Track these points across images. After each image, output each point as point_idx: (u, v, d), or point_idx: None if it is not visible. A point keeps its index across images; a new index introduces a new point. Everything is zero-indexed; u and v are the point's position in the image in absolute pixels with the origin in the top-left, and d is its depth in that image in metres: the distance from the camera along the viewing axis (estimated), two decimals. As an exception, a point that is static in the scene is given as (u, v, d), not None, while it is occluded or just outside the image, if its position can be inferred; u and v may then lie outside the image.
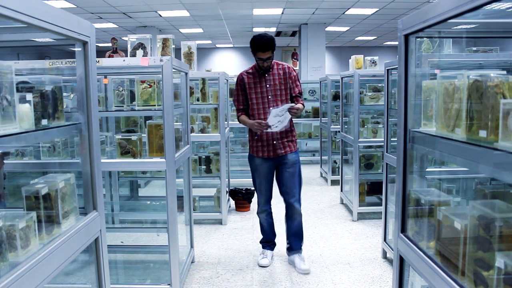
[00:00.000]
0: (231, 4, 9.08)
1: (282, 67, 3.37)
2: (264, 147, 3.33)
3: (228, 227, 4.57)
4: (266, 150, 3.33)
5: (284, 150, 3.34)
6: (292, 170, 3.36)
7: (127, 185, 4.83)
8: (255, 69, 3.36)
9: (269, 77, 3.32)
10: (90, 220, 1.71)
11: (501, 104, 1.18)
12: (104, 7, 9.07)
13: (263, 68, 3.29)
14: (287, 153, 3.35)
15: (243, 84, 3.36)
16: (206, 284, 3.17)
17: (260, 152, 3.35)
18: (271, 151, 3.33)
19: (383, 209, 3.73)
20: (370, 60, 4.95)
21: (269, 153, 3.33)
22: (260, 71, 3.33)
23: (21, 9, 1.19)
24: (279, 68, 3.36)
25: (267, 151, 3.33)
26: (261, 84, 3.32)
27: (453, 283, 1.36)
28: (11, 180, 3.02)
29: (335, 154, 6.46)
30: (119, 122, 4.17)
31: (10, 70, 1.31)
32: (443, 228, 1.56)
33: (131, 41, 3.07)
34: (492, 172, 1.29)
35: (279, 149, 3.33)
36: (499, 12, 1.75)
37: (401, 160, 1.82)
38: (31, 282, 1.27)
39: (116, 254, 3.64)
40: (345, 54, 14.75)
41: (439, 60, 2.68)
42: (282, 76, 3.34)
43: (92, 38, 1.72)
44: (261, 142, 3.34)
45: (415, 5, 8.96)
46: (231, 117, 6.04)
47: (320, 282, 3.19)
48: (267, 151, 3.33)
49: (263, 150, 3.34)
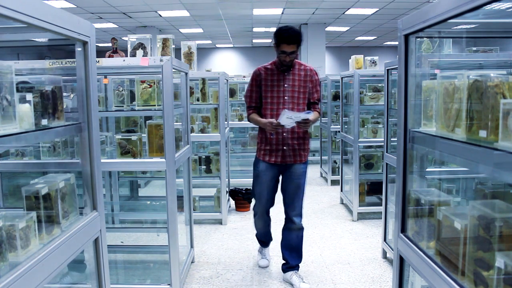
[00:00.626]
0: (231, 4, 9.08)
1: (304, 68, 3.10)
2: (273, 151, 3.05)
3: (228, 227, 4.57)
4: (274, 155, 3.05)
5: (294, 159, 3.06)
6: (298, 182, 3.10)
7: (127, 185, 4.83)
8: (274, 65, 3.07)
9: (289, 77, 3.03)
10: (90, 220, 1.71)
11: (501, 104, 1.17)
12: (104, 7, 9.08)
13: (284, 64, 2.98)
14: (296, 162, 3.07)
15: (259, 80, 3.06)
16: (206, 284, 3.17)
17: (267, 156, 3.06)
18: (279, 156, 3.04)
19: (383, 209, 3.73)
20: (370, 60, 4.96)
21: (276, 158, 3.05)
22: (280, 68, 3.04)
23: (21, 9, 1.19)
24: (300, 69, 3.08)
25: (275, 156, 3.05)
26: (279, 83, 3.03)
27: (453, 283, 1.36)
28: (11, 180, 3.02)
29: (335, 154, 6.46)
30: (119, 122, 4.17)
31: (10, 70, 1.31)
32: (443, 228, 1.56)
33: (131, 41, 3.07)
34: (492, 172, 1.29)
35: (289, 156, 3.04)
36: (499, 12, 1.75)
37: (401, 160, 1.82)
38: (31, 282, 1.27)
39: (116, 254, 3.64)
40: (345, 54, 14.75)
41: (439, 60, 2.68)
42: (302, 78, 3.06)
43: (92, 38, 1.72)
44: (270, 146, 3.05)
45: (415, 5, 8.96)
46: (231, 117, 6.04)
47: (320, 282, 3.19)
48: (274, 156, 3.05)
49: (270, 154, 3.05)
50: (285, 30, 2.88)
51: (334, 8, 9.66)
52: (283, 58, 2.95)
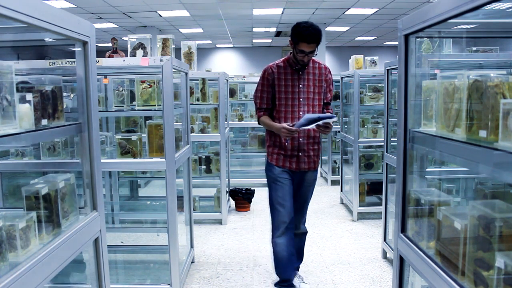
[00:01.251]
0: (231, 4, 9.08)
1: (318, 66, 2.83)
2: (287, 157, 2.78)
3: (228, 227, 4.57)
4: (288, 161, 2.78)
5: (308, 166, 2.82)
6: (308, 189, 2.91)
7: (127, 185, 4.83)
8: (287, 63, 2.78)
9: (304, 76, 2.77)
10: (90, 220, 1.71)
11: (501, 104, 1.17)
12: (104, 7, 9.08)
13: (301, 64, 2.72)
14: (310, 169, 2.84)
15: (272, 79, 2.76)
16: (206, 284, 3.17)
17: (281, 162, 2.78)
18: (294, 163, 2.78)
19: (383, 209, 3.73)
20: (370, 60, 4.96)
21: (291, 165, 2.78)
22: (294, 66, 2.76)
23: (21, 9, 1.19)
24: (315, 67, 2.81)
25: (289, 162, 2.78)
26: (293, 83, 2.75)
27: (453, 283, 1.36)
28: (11, 180, 3.03)
29: (335, 154, 6.47)
30: (119, 122, 4.17)
31: (10, 70, 1.31)
32: (443, 228, 1.56)
33: (131, 41, 3.07)
34: (492, 172, 1.29)
35: (304, 163, 2.79)
36: (499, 12, 1.75)
37: (401, 160, 1.82)
38: (31, 282, 1.27)
39: (116, 254, 3.64)
40: (345, 54, 14.73)
41: (439, 60, 2.68)
42: (317, 78, 2.80)
43: (92, 38, 1.72)
44: (283, 151, 2.78)
45: (415, 5, 8.96)
46: (231, 117, 6.04)
47: (320, 282, 3.19)
48: (288, 162, 2.78)
49: (284, 160, 2.78)
50: (306, 28, 2.57)
51: (334, 8, 9.66)
52: (300, 58, 2.67)
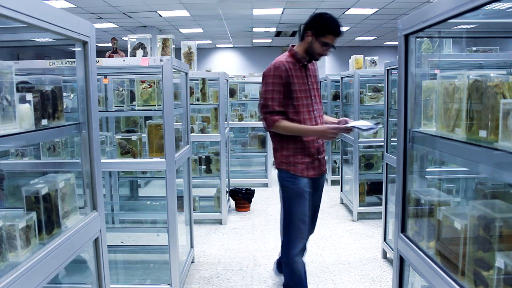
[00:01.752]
0: (231, 4, 9.08)
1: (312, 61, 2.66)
2: (310, 163, 2.53)
3: (228, 227, 4.57)
4: (312, 168, 2.54)
5: (325, 168, 2.67)
6: (321, 193, 2.77)
7: (127, 185, 4.84)
8: (294, 58, 2.52)
9: (309, 72, 2.57)
10: (90, 220, 1.71)
11: (501, 104, 1.18)
12: (104, 7, 9.08)
13: (316, 58, 2.53)
14: (324, 172, 2.68)
15: (286, 77, 2.44)
16: (206, 284, 3.17)
17: (306, 171, 2.51)
18: (316, 168, 2.57)
19: (383, 209, 3.73)
20: (370, 60, 4.96)
21: (314, 171, 2.55)
22: (302, 62, 2.52)
23: (21, 9, 1.19)
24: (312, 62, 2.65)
25: (312, 169, 2.54)
26: (303, 80, 2.51)
27: (453, 283, 1.36)
28: (11, 180, 3.03)
29: (335, 154, 6.47)
30: (119, 122, 4.17)
31: (10, 70, 1.31)
32: (443, 228, 1.56)
33: (131, 41, 3.07)
34: (492, 172, 1.29)
35: (323, 165, 2.63)
36: (499, 12, 1.75)
37: (401, 160, 1.82)
38: (31, 282, 1.27)
39: (116, 254, 3.64)
40: (345, 54, 14.72)
41: (439, 60, 2.68)
42: (315, 73, 2.66)
43: (92, 38, 1.72)
44: (308, 158, 2.52)
45: (415, 5, 8.96)
46: (231, 117, 6.04)
47: (320, 282, 3.19)
48: (312, 169, 2.54)
49: (308, 167, 2.52)
50: (334, 19, 2.39)
51: (334, 8, 9.65)
52: (322, 51, 2.46)
